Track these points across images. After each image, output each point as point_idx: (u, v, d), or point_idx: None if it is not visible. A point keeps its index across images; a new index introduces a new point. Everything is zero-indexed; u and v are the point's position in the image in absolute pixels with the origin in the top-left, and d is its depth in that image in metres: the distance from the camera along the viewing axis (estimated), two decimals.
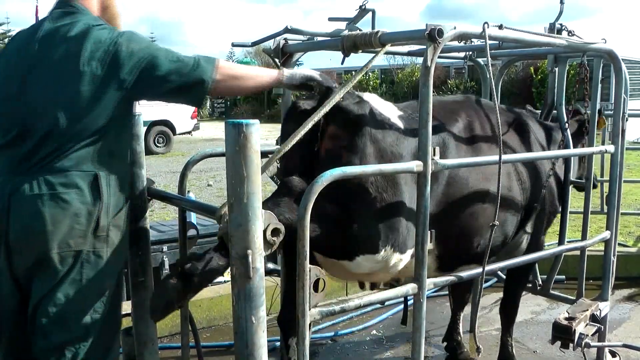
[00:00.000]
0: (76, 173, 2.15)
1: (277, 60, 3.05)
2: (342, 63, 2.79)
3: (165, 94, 2.29)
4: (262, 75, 2.39)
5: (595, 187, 3.88)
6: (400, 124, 2.50)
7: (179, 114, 17.04)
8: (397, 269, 2.49)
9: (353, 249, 2.34)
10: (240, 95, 3.27)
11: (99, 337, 2.26)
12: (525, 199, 3.02)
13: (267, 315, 1.92)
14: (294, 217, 2.13)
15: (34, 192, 2.11)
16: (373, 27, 2.80)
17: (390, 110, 2.55)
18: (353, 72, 9.98)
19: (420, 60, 2.26)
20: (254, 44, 3.24)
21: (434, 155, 2.23)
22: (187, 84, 2.20)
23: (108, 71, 2.15)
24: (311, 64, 32.56)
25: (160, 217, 7.20)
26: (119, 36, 2.19)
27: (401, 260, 2.45)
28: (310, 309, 1.96)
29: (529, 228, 3.17)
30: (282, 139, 2.51)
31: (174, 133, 17.08)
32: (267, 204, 2.15)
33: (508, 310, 3.63)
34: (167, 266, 4.22)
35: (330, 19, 3.06)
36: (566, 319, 3.03)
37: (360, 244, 2.34)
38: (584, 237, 3.47)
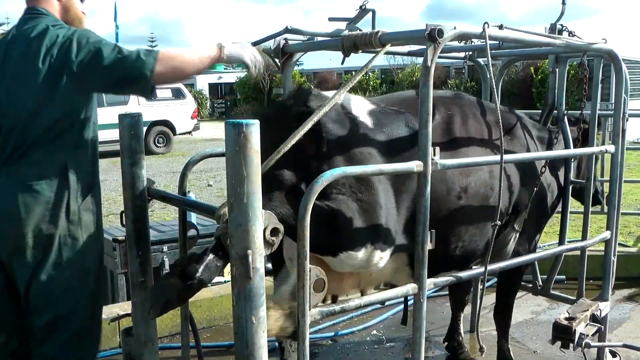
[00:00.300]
0: (46, 165, 2.36)
1: (277, 60, 3.05)
2: (342, 63, 2.78)
3: (112, 84, 2.48)
4: (202, 58, 2.50)
5: (599, 202, 3.85)
6: (369, 121, 2.45)
7: (179, 114, 17.04)
8: (378, 268, 2.47)
9: (336, 244, 2.31)
10: (187, 77, 3.17)
11: (87, 312, 2.51)
12: (509, 199, 2.98)
13: None
14: (285, 211, 2.14)
15: (9, 184, 2.35)
16: (373, 27, 2.79)
17: (359, 107, 2.49)
18: (353, 72, 9.98)
19: (420, 60, 2.26)
20: (254, 44, 3.22)
21: (434, 155, 2.23)
22: (130, 75, 2.37)
23: (62, 66, 2.34)
24: (312, 64, 32.59)
25: (161, 217, 7.20)
26: (72, 34, 2.38)
27: (382, 258, 2.42)
28: (310, 309, 1.96)
29: (517, 226, 3.13)
30: None
31: (174, 133, 17.08)
32: None
33: (502, 314, 3.58)
34: (167, 266, 4.22)
35: (331, 19, 3.06)
36: (566, 319, 3.03)
37: (343, 240, 2.30)
38: (584, 237, 3.47)
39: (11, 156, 2.36)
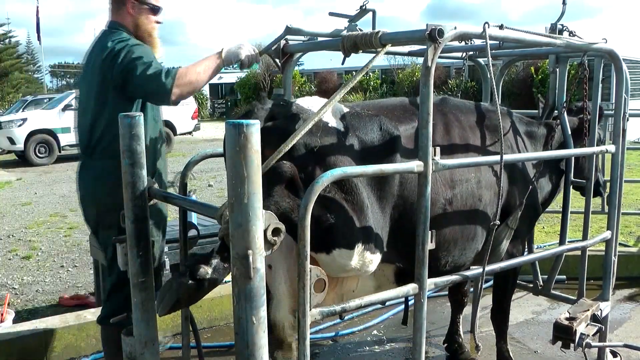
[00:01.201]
0: (117, 161, 2.70)
1: (277, 60, 3.05)
2: (342, 63, 2.78)
3: (144, 97, 2.92)
4: (210, 67, 2.92)
5: (600, 194, 3.83)
6: (341, 126, 2.41)
7: (180, 114, 17.04)
8: (369, 271, 2.46)
9: (330, 241, 2.30)
10: (202, 87, 3.69)
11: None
12: (500, 201, 2.94)
13: None
14: (285, 205, 2.14)
15: (90, 171, 3.00)
16: (373, 27, 2.79)
17: (330, 113, 2.44)
18: (353, 72, 9.98)
19: (420, 60, 2.26)
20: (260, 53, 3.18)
21: (434, 155, 2.23)
22: (154, 93, 2.84)
23: (110, 77, 2.82)
24: (312, 64, 32.59)
25: None
26: (121, 49, 2.81)
27: (372, 261, 2.42)
28: (310, 309, 1.96)
29: (511, 224, 3.11)
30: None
31: (175, 133, 17.10)
32: None
33: (499, 317, 3.57)
34: (167, 266, 4.21)
35: (331, 14, 3.05)
36: (567, 319, 3.03)
37: (336, 237, 2.29)
38: (584, 237, 3.47)
39: (85, 152, 3.00)
